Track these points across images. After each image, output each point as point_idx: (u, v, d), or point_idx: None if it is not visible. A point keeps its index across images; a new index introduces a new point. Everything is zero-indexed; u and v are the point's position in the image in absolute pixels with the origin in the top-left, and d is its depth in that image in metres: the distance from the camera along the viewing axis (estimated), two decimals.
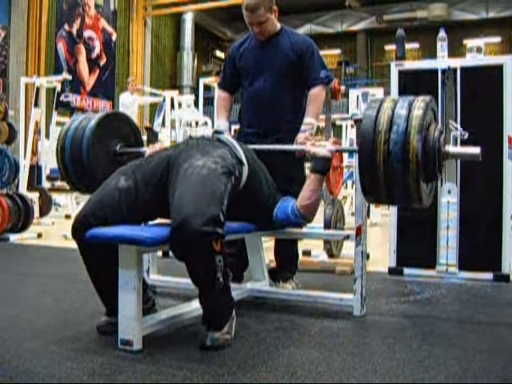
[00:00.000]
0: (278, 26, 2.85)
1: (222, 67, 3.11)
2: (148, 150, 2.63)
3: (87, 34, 15.28)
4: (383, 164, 2.03)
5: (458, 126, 3.11)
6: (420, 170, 2.02)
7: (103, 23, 15.86)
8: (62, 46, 14.38)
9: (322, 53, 2.96)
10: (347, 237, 2.66)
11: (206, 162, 2.09)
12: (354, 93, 7.71)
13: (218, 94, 3.06)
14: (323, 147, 2.38)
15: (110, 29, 16.12)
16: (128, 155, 2.68)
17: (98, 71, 15.60)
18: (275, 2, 2.79)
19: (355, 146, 2.27)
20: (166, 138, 8.08)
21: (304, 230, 2.93)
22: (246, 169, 2.28)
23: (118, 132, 2.70)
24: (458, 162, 3.37)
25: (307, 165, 3.04)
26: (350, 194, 6.81)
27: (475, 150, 2.18)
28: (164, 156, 2.23)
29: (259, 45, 2.85)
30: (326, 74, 2.84)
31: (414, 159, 2.00)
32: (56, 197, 8.67)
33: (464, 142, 2.96)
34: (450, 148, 2.21)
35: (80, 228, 2.05)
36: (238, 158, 2.27)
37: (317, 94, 2.81)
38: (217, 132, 2.48)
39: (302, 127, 2.76)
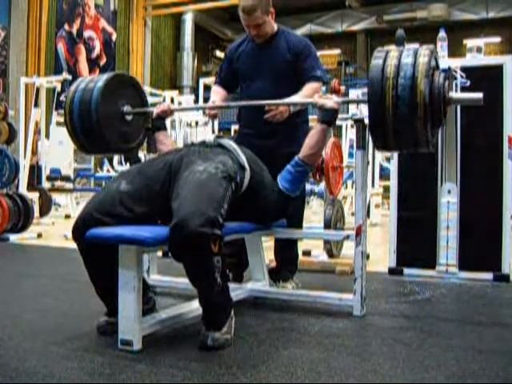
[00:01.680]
0: (275, 27, 2.84)
1: (219, 67, 3.08)
2: (155, 110, 2.67)
3: (87, 33, 15.28)
4: (392, 109, 2.10)
5: (460, 73, 3.11)
6: (427, 113, 2.10)
7: (103, 23, 15.86)
8: (62, 46, 14.38)
9: (321, 53, 2.98)
10: (347, 237, 2.66)
11: (207, 167, 2.11)
12: (353, 93, 7.70)
13: (213, 88, 3.03)
14: (330, 99, 2.48)
15: (110, 29, 16.12)
16: (135, 115, 2.72)
17: (98, 71, 15.58)
18: (272, 4, 2.77)
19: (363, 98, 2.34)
20: None
21: (304, 230, 2.93)
22: (247, 173, 2.29)
23: (125, 93, 2.73)
24: (458, 161, 3.37)
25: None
26: (349, 194, 6.81)
27: (477, 95, 2.25)
28: (165, 162, 2.23)
29: (257, 47, 2.84)
30: (321, 73, 2.81)
31: (422, 103, 2.08)
32: (56, 197, 8.67)
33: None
34: (454, 94, 2.30)
35: (79, 229, 2.05)
36: (240, 163, 2.28)
37: (313, 87, 2.74)
38: (218, 137, 2.50)
39: (287, 99, 2.67)
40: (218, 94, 2.95)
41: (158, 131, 2.69)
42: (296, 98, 2.69)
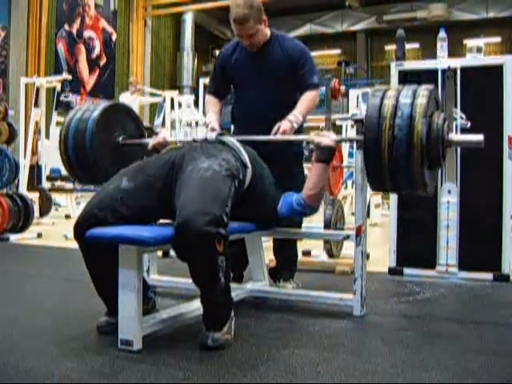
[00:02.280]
0: (268, 33, 2.78)
1: (212, 73, 3.01)
2: (151, 142, 2.62)
3: (87, 34, 15.27)
4: (388, 149, 2.06)
5: (461, 114, 3.12)
6: (424, 154, 2.05)
7: (103, 23, 15.85)
8: (62, 46, 14.37)
9: (321, 53, 2.96)
10: (347, 237, 2.66)
11: (211, 164, 2.10)
12: (354, 93, 7.71)
13: (208, 98, 2.97)
14: (327, 137, 2.42)
15: (110, 29, 16.11)
16: (131, 146, 2.69)
17: (98, 71, 15.59)
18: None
19: (359, 136, 2.32)
20: None
21: (304, 230, 2.93)
22: (249, 171, 2.29)
23: (121, 123, 2.71)
24: (458, 161, 3.38)
25: (305, 165, 3.05)
26: (350, 193, 6.81)
27: (478, 138, 2.22)
28: (168, 159, 2.22)
29: (251, 54, 2.79)
30: (318, 79, 2.78)
31: (419, 143, 2.03)
32: (56, 197, 8.66)
33: (465, 131, 3.00)
34: (454, 136, 2.26)
35: (81, 228, 2.05)
36: (243, 160, 2.28)
37: (311, 96, 2.74)
38: (221, 134, 2.48)
39: (290, 117, 2.64)
40: (215, 110, 2.88)
41: None
42: (299, 114, 2.66)
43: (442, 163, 2.19)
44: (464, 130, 3.27)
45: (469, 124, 2.97)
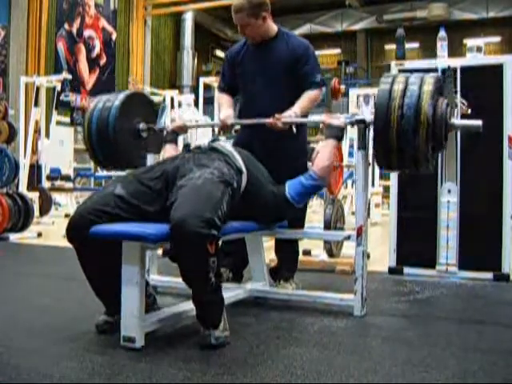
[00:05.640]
0: (275, 29, 2.82)
1: (221, 71, 3.07)
2: (171, 125, 2.83)
3: (87, 33, 15.25)
4: (396, 127, 2.21)
5: (462, 100, 3.17)
6: (429, 133, 2.20)
7: (103, 23, 15.84)
8: (62, 46, 14.35)
9: (321, 52, 2.99)
10: (348, 237, 2.66)
11: (203, 173, 2.13)
12: (354, 92, 7.71)
13: (219, 95, 3.03)
14: (337, 119, 2.60)
15: (110, 28, 16.10)
16: (150, 131, 2.82)
17: (98, 71, 15.57)
18: (272, 4, 2.77)
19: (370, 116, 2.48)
20: None
21: (304, 230, 2.93)
22: (244, 176, 2.32)
23: (140, 111, 2.82)
24: (458, 161, 3.37)
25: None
26: (349, 193, 6.81)
27: (477, 123, 2.37)
28: (162, 171, 2.25)
29: (256, 49, 2.83)
30: (321, 78, 2.80)
31: (425, 122, 2.19)
32: (56, 196, 8.67)
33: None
34: (455, 120, 2.43)
35: (74, 230, 2.07)
36: (237, 166, 2.29)
37: (313, 95, 2.76)
38: (213, 141, 2.51)
39: (288, 111, 2.67)
40: (228, 106, 2.93)
41: (170, 143, 2.79)
42: (298, 110, 2.68)
43: (444, 145, 2.34)
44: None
45: (469, 110, 3.09)
